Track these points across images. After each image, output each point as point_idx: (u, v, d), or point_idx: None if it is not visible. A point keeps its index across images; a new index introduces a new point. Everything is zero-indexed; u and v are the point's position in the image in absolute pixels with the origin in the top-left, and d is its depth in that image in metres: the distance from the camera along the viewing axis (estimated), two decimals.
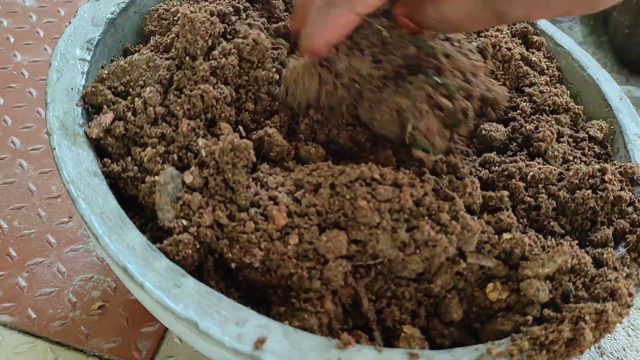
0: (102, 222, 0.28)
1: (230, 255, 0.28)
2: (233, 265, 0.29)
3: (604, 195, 0.35)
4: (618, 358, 0.43)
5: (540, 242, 0.32)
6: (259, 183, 0.30)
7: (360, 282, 0.29)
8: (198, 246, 0.28)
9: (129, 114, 0.32)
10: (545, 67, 0.45)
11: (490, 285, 0.31)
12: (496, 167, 0.37)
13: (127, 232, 0.28)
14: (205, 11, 0.35)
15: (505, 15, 0.29)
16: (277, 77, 0.35)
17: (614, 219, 0.35)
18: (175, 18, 0.38)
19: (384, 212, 0.28)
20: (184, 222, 0.28)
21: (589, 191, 0.35)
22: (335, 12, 0.30)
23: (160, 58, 0.34)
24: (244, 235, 0.28)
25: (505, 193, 0.34)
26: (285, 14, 0.42)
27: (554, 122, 0.41)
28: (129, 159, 0.32)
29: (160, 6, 0.41)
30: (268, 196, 0.29)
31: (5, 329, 0.40)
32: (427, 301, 0.30)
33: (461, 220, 0.29)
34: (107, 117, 0.32)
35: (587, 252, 0.33)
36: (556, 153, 0.38)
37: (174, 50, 0.34)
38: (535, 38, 0.47)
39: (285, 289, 0.29)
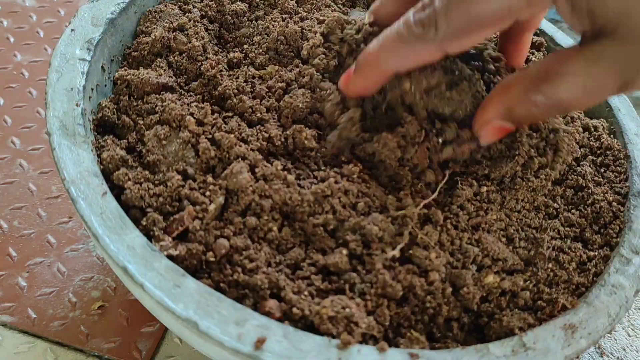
0: (102, 222, 0.28)
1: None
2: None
3: None
4: (618, 358, 0.43)
5: None
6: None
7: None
8: (203, 258, 0.29)
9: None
10: None
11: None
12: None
13: (127, 232, 0.28)
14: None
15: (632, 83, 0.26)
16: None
17: None
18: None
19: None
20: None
21: None
22: (420, 48, 0.28)
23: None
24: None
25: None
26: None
27: None
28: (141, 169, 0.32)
29: (158, 7, 0.41)
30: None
31: (5, 329, 0.40)
32: (427, 300, 0.31)
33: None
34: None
35: None
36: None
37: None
38: (535, 38, 0.47)
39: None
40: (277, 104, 0.35)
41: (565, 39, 0.48)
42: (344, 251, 0.30)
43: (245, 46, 0.40)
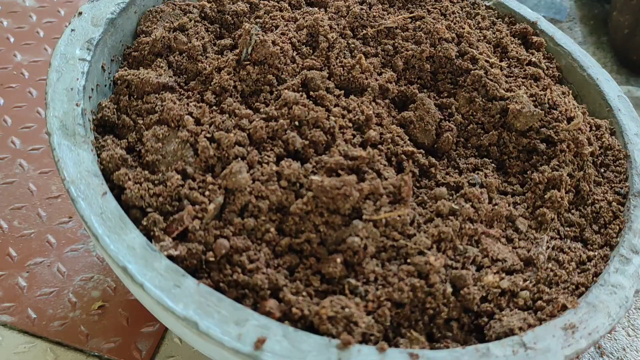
0: (102, 222, 0.28)
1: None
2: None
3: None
4: (618, 358, 0.43)
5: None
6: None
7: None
8: (203, 257, 0.29)
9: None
10: (545, 67, 0.45)
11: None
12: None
13: (127, 232, 0.28)
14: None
15: None
16: None
17: None
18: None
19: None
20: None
21: None
22: None
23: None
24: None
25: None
26: None
27: None
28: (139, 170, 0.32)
29: (158, 7, 0.41)
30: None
31: (5, 329, 0.40)
32: (427, 300, 0.31)
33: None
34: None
35: None
36: None
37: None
38: (535, 39, 0.47)
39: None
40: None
41: (565, 38, 0.48)
42: (339, 259, 0.30)
43: None
